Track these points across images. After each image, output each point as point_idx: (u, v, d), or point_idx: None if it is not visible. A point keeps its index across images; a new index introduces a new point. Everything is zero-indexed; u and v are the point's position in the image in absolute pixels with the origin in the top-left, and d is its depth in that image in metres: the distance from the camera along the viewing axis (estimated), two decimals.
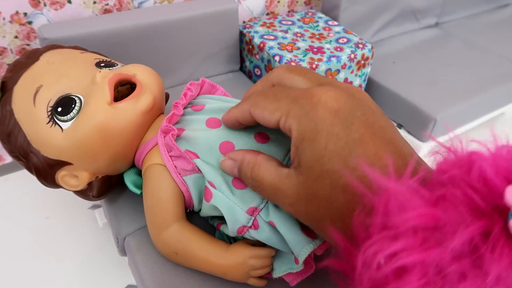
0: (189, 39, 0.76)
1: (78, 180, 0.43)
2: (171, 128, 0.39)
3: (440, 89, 0.94)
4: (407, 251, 0.19)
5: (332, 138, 0.25)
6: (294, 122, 0.27)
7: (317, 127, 0.26)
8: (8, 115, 0.41)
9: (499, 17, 1.30)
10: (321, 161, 0.25)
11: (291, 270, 0.37)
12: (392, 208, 0.20)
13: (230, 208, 0.36)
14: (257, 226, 0.36)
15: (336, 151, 0.25)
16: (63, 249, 0.77)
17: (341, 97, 0.27)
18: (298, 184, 0.27)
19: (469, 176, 0.20)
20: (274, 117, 0.28)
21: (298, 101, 0.27)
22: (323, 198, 0.26)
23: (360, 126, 0.26)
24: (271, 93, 0.30)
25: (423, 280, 0.19)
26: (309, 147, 0.26)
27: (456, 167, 0.21)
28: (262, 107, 0.30)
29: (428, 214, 0.20)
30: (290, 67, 0.32)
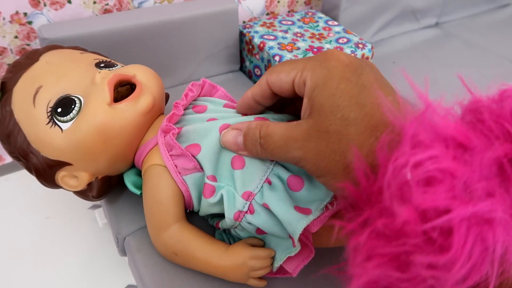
0: (189, 39, 0.76)
1: (78, 181, 0.43)
2: (172, 127, 0.39)
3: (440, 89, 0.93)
4: (438, 159, 0.20)
5: (343, 80, 0.27)
6: (309, 73, 0.29)
7: (330, 73, 0.28)
8: (8, 115, 0.41)
9: (499, 17, 1.30)
10: (333, 98, 0.27)
11: (289, 254, 0.37)
12: (426, 125, 0.21)
13: (227, 193, 0.37)
14: (252, 210, 0.36)
15: (346, 90, 0.27)
16: (63, 249, 0.77)
17: (351, 56, 0.30)
18: (307, 126, 0.28)
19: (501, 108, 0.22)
20: (290, 76, 0.31)
21: (313, 58, 0.30)
22: (333, 132, 0.27)
23: (369, 76, 0.28)
24: (287, 62, 0.32)
25: (451, 193, 0.19)
26: (322, 90, 0.28)
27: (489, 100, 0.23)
28: (278, 71, 0.32)
29: (462, 130, 0.21)
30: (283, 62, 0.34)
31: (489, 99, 0.23)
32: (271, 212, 0.36)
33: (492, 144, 0.20)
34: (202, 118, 0.40)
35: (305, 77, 0.30)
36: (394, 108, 0.24)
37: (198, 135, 0.39)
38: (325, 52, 0.30)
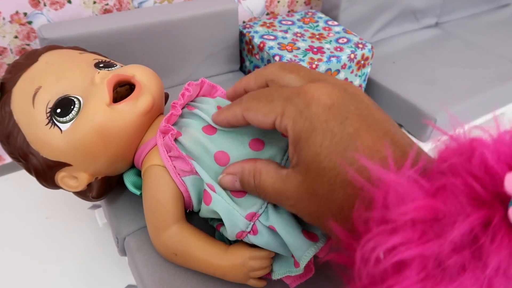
0: (189, 39, 0.76)
1: (77, 181, 0.43)
2: (170, 128, 0.39)
3: (440, 89, 0.94)
4: (405, 245, 0.19)
5: (327, 134, 0.25)
6: (289, 122, 0.27)
7: (312, 125, 0.26)
8: (7, 116, 0.41)
9: (499, 17, 1.30)
10: (318, 159, 0.25)
11: (289, 273, 0.37)
12: (391, 201, 0.20)
13: (229, 213, 0.36)
14: (256, 231, 0.36)
15: (331, 148, 0.25)
16: (63, 249, 0.77)
17: (334, 93, 0.27)
18: (297, 184, 0.27)
19: (470, 164, 0.20)
20: (269, 119, 0.28)
21: (292, 100, 0.27)
22: (322, 195, 0.26)
23: (354, 120, 0.26)
24: (263, 95, 0.30)
25: (423, 273, 0.18)
26: (306, 146, 0.26)
27: (456, 155, 0.21)
28: (255, 110, 0.30)
29: (427, 206, 0.19)
30: (284, 64, 0.32)
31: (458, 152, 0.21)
32: (275, 233, 0.35)
33: (464, 211, 0.19)
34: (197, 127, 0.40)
35: (286, 125, 0.27)
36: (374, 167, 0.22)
37: (194, 155, 0.38)
38: (304, 92, 0.27)
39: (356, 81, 0.87)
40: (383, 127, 0.26)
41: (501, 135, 0.21)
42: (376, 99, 0.99)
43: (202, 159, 0.38)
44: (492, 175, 0.19)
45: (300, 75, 0.31)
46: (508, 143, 0.20)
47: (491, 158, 0.19)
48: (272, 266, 0.39)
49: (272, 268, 0.39)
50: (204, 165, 0.38)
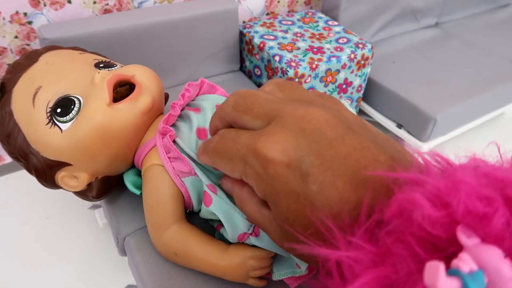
0: (189, 39, 0.76)
1: (77, 181, 0.43)
2: (168, 129, 0.39)
3: (440, 89, 0.94)
4: None
5: (291, 197, 0.24)
6: (253, 184, 0.26)
7: (274, 188, 0.25)
8: (8, 116, 0.41)
9: (499, 17, 1.30)
10: (288, 221, 0.25)
11: (292, 274, 0.37)
12: (344, 270, 0.20)
13: (230, 214, 0.36)
14: (258, 233, 0.36)
15: (298, 211, 0.24)
16: (63, 249, 0.77)
17: (289, 146, 0.24)
18: (277, 228, 0.27)
19: (411, 227, 0.19)
20: (236, 176, 0.28)
21: (248, 161, 0.26)
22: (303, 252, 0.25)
23: (317, 174, 0.23)
24: (222, 150, 0.28)
25: None
26: (274, 208, 0.25)
27: (398, 215, 0.20)
28: (221, 167, 0.29)
29: (375, 277, 0.19)
30: (237, 103, 0.29)
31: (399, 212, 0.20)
32: None
33: (412, 275, 0.18)
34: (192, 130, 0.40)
35: (251, 184, 0.27)
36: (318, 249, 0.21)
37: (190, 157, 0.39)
38: (258, 153, 0.25)
39: (356, 81, 0.87)
40: (350, 167, 0.24)
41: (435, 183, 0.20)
42: (376, 99, 0.99)
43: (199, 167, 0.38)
44: (433, 237, 0.19)
45: (253, 114, 0.28)
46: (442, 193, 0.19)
47: (428, 223, 0.18)
48: (272, 267, 0.39)
49: (272, 269, 0.39)
50: (202, 167, 0.38)
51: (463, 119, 0.98)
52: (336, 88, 0.84)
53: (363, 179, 0.23)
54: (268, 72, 0.81)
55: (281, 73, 0.76)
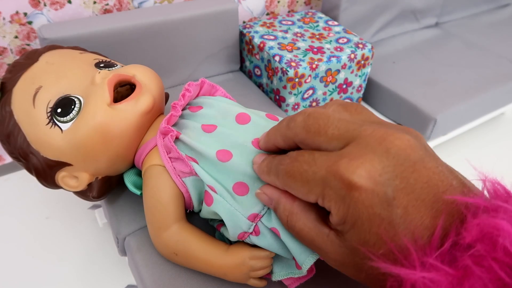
0: (189, 39, 0.76)
1: (78, 181, 0.43)
2: (170, 129, 0.39)
3: (440, 89, 0.94)
4: None
5: (375, 221, 0.24)
6: (332, 205, 0.25)
7: (356, 211, 0.24)
8: (8, 116, 0.41)
9: (499, 17, 1.30)
10: (367, 244, 0.24)
11: (292, 275, 0.37)
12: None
13: (231, 214, 0.36)
14: (258, 232, 0.36)
15: (379, 233, 0.24)
16: (63, 249, 0.77)
17: (374, 169, 0.24)
18: (342, 253, 0.26)
19: (494, 252, 0.20)
20: (310, 199, 0.27)
21: (329, 183, 0.25)
22: (371, 273, 0.25)
23: (401, 198, 0.23)
24: (297, 172, 0.27)
25: None
26: (352, 230, 0.25)
27: (480, 239, 0.20)
28: (294, 189, 0.28)
29: None
30: (307, 124, 0.28)
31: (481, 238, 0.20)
32: (277, 235, 0.35)
33: None
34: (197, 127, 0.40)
35: (329, 207, 0.26)
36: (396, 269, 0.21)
37: (195, 152, 0.38)
38: (341, 176, 0.24)
39: (356, 81, 0.87)
40: (431, 191, 0.24)
41: None
42: (376, 99, 0.99)
43: (204, 156, 0.38)
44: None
45: (328, 136, 0.27)
46: None
47: None
48: (272, 267, 0.39)
49: (272, 269, 0.39)
50: (206, 162, 0.38)
51: (463, 119, 0.98)
52: (336, 88, 0.84)
53: (442, 205, 0.23)
54: (268, 72, 0.81)
55: (281, 73, 0.76)
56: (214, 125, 0.39)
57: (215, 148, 0.37)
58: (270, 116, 0.42)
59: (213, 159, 0.37)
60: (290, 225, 0.29)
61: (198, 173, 0.37)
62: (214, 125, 0.39)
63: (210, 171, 0.37)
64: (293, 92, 0.78)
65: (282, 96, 0.79)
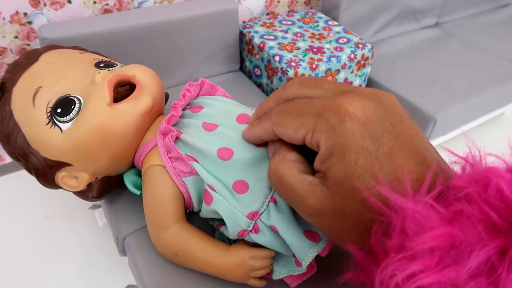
0: (189, 39, 0.76)
1: (77, 181, 0.43)
2: (170, 130, 0.39)
3: (440, 89, 0.94)
4: (424, 272, 0.19)
5: (362, 153, 0.24)
6: (322, 136, 0.26)
7: (346, 141, 0.25)
8: (8, 116, 0.41)
9: (499, 17, 1.30)
10: (351, 178, 0.24)
11: (292, 272, 0.37)
12: (409, 227, 0.20)
13: (230, 212, 0.36)
14: (257, 230, 0.36)
15: (366, 167, 0.24)
16: (63, 249, 0.77)
17: (368, 107, 0.26)
18: (322, 197, 0.26)
19: (486, 193, 0.20)
20: (299, 134, 0.27)
21: (323, 115, 0.26)
22: (350, 214, 0.25)
23: (389, 138, 0.25)
24: (293, 109, 0.28)
25: None
26: (338, 162, 0.25)
27: (472, 183, 0.21)
28: (285, 125, 0.28)
29: (444, 234, 0.19)
30: (304, 80, 0.30)
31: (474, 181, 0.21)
32: (277, 233, 0.35)
33: (481, 239, 0.19)
34: (198, 124, 0.40)
35: (317, 139, 0.26)
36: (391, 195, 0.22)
37: (195, 151, 0.38)
38: (337, 107, 0.26)
39: (356, 81, 0.87)
40: (414, 144, 0.25)
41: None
42: None
43: (205, 155, 0.38)
44: (508, 204, 0.19)
45: (324, 89, 0.29)
46: None
47: (506, 189, 0.20)
48: (273, 266, 0.39)
49: (272, 268, 0.39)
50: (207, 161, 0.38)
51: (463, 119, 0.98)
52: None
53: (424, 159, 0.25)
54: (268, 72, 0.81)
55: (281, 73, 0.76)
56: (215, 124, 0.39)
57: (217, 146, 0.37)
58: None
59: (214, 157, 0.37)
60: (277, 169, 0.29)
61: (199, 172, 0.37)
62: (215, 124, 0.39)
63: (211, 169, 0.37)
64: None
65: None
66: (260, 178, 0.36)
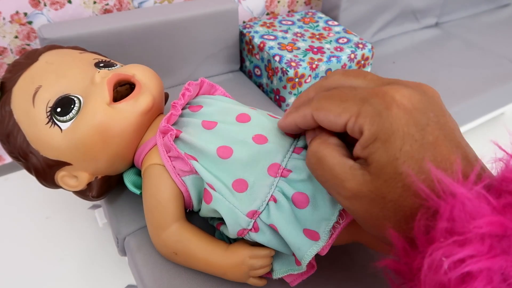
0: (189, 39, 0.76)
1: (77, 181, 0.43)
2: (170, 129, 0.39)
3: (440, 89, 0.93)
4: (474, 258, 0.19)
5: (408, 139, 0.24)
6: (366, 121, 0.25)
7: (392, 126, 0.25)
8: (7, 115, 0.41)
9: (499, 17, 1.30)
10: (395, 163, 0.24)
11: (292, 271, 0.37)
12: (459, 214, 0.20)
13: (230, 211, 0.36)
14: (257, 228, 0.36)
15: (411, 154, 0.24)
16: (63, 249, 0.77)
17: (414, 96, 0.26)
18: (362, 182, 0.26)
19: None
20: (341, 119, 0.27)
21: (369, 101, 0.26)
22: (391, 200, 0.25)
23: (434, 128, 0.25)
24: (336, 94, 0.28)
25: (489, 286, 0.19)
26: (382, 147, 0.25)
27: None
28: (327, 109, 0.28)
29: (497, 222, 0.20)
30: (347, 71, 0.30)
31: None
32: (276, 232, 0.35)
33: None
34: (197, 123, 0.40)
35: (361, 124, 0.26)
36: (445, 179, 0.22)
37: (195, 150, 0.38)
38: (383, 93, 0.26)
39: None
40: (456, 138, 0.26)
41: None
42: None
43: (205, 153, 0.38)
44: None
45: (367, 79, 0.29)
46: None
47: None
48: (272, 265, 0.39)
49: (272, 267, 0.39)
50: (206, 160, 0.38)
51: (463, 119, 0.98)
52: None
53: (465, 153, 0.25)
54: (268, 72, 0.81)
55: (281, 73, 0.76)
56: (214, 122, 0.39)
57: (216, 145, 0.37)
58: (271, 116, 0.42)
59: (214, 156, 0.37)
60: (318, 150, 0.29)
61: (198, 170, 0.37)
62: (214, 121, 0.39)
63: (210, 168, 0.37)
64: (293, 92, 0.78)
65: (282, 96, 0.79)
66: (260, 177, 0.36)
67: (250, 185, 0.36)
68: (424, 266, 0.20)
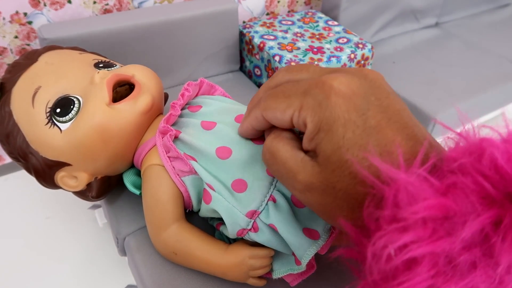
0: (189, 39, 0.76)
1: (77, 181, 0.43)
2: (169, 129, 0.39)
3: (440, 89, 0.94)
4: (417, 243, 0.19)
5: (349, 126, 0.24)
6: (308, 114, 0.26)
7: (333, 115, 0.25)
8: (7, 116, 0.41)
9: (499, 17, 1.30)
10: (339, 151, 0.24)
11: (291, 271, 0.37)
12: (402, 199, 0.20)
13: (229, 211, 0.36)
14: (257, 228, 0.36)
15: (354, 140, 0.24)
16: (63, 249, 0.77)
17: (353, 82, 0.26)
18: (312, 173, 0.26)
19: (479, 164, 0.20)
20: (287, 115, 0.27)
21: (309, 93, 0.26)
22: (340, 189, 0.25)
23: (376, 112, 0.25)
24: (280, 92, 0.28)
25: (433, 270, 0.19)
26: (326, 137, 0.25)
27: (466, 154, 0.21)
28: (273, 108, 0.28)
29: (438, 204, 0.19)
30: (289, 67, 0.31)
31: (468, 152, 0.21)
32: (276, 231, 0.35)
33: (474, 209, 0.19)
34: (196, 123, 0.40)
35: (304, 117, 0.26)
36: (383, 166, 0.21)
37: (194, 150, 0.38)
38: (322, 83, 0.26)
39: None
40: (402, 119, 0.25)
41: (511, 135, 0.21)
42: None
43: (204, 154, 0.38)
44: (502, 175, 0.19)
45: (310, 71, 0.29)
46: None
47: (501, 159, 0.19)
48: (272, 265, 0.39)
49: (272, 267, 0.39)
50: (205, 160, 0.38)
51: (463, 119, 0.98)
52: None
53: (413, 133, 0.25)
54: (268, 72, 0.81)
55: None
56: (213, 122, 0.39)
57: (215, 145, 0.37)
58: None
59: (213, 156, 0.37)
60: (271, 145, 0.29)
61: (197, 171, 0.37)
62: (213, 122, 0.39)
63: (209, 168, 0.37)
64: None
65: None
66: (259, 177, 0.36)
67: (249, 185, 0.36)
68: (368, 255, 0.20)
